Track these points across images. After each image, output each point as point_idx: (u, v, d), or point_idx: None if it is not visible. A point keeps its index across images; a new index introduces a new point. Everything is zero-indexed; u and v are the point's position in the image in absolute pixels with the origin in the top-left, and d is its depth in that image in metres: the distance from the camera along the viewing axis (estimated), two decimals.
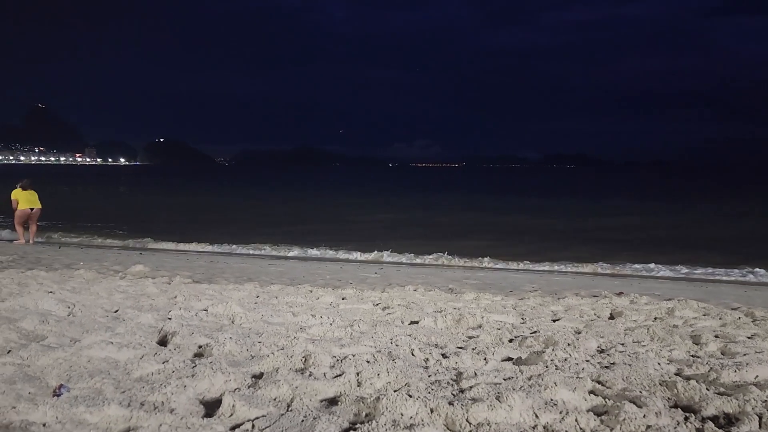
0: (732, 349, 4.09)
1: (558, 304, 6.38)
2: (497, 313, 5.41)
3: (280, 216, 26.72)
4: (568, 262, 13.71)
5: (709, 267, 13.16)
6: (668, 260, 13.75)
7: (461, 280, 9.61)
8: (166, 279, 7.83)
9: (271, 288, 7.11)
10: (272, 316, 4.84)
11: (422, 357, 3.62)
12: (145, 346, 3.47)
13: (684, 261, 13.72)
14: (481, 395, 2.67)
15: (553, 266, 13.11)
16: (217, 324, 4.44)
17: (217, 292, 6.38)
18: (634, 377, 3.12)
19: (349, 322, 4.57)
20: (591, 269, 12.87)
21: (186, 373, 2.93)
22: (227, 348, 3.53)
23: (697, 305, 6.24)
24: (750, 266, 12.91)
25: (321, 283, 8.41)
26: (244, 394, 2.68)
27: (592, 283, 9.88)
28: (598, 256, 14.45)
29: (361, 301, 6.11)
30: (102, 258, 11.02)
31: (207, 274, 9.18)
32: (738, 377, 3.20)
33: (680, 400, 2.83)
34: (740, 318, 5.65)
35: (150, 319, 4.39)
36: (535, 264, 13.47)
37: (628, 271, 12.76)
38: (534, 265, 13.39)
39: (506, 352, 3.84)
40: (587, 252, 15.38)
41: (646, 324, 5.14)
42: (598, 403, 2.73)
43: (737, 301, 7.60)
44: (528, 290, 8.22)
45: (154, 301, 5.46)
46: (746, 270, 12.63)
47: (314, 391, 2.78)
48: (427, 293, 7.13)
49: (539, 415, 2.50)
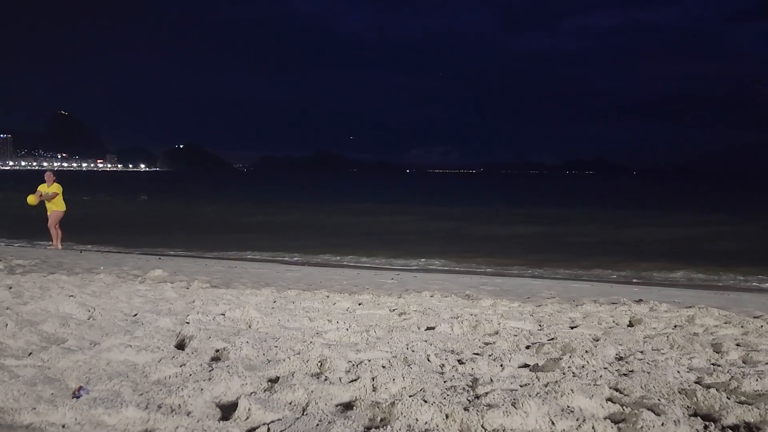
0: (754, 357, 4.02)
1: (576, 311, 6.33)
2: (514, 320, 5.38)
3: (316, 228, 25.71)
4: (586, 269, 13.60)
5: (729, 275, 12.97)
6: (689, 269, 13.57)
7: (478, 286, 9.58)
8: (184, 284, 7.90)
9: (288, 293, 7.14)
10: (289, 321, 4.86)
11: (438, 363, 3.60)
12: (163, 349, 3.51)
13: (704, 270, 13.54)
14: (496, 401, 2.66)
15: (571, 272, 13.00)
16: (234, 328, 4.46)
17: (234, 297, 6.42)
18: (653, 385, 3.08)
19: (365, 328, 4.58)
20: (610, 276, 12.75)
21: (203, 377, 2.95)
22: (244, 352, 3.55)
23: (718, 313, 6.14)
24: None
25: (338, 288, 8.43)
26: (259, 397, 2.69)
27: (611, 290, 9.79)
28: (617, 264, 14.32)
29: (377, 306, 6.11)
30: (122, 263, 11.15)
31: (225, 279, 9.25)
32: (760, 386, 3.14)
33: (700, 409, 2.78)
34: (762, 326, 5.55)
35: (168, 323, 4.43)
36: (553, 270, 13.38)
37: (649, 279, 12.61)
38: (551, 271, 13.30)
39: (523, 358, 3.81)
40: (606, 260, 15.24)
41: (665, 332, 5.07)
42: (615, 411, 2.69)
43: (759, 309, 7.47)
44: (545, 297, 8.16)
45: (173, 306, 5.52)
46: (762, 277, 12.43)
47: (329, 395, 2.78)
48: (443, 299, 7.12)
49: (555, 422, 2.47)
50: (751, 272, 13.31)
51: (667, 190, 76.69)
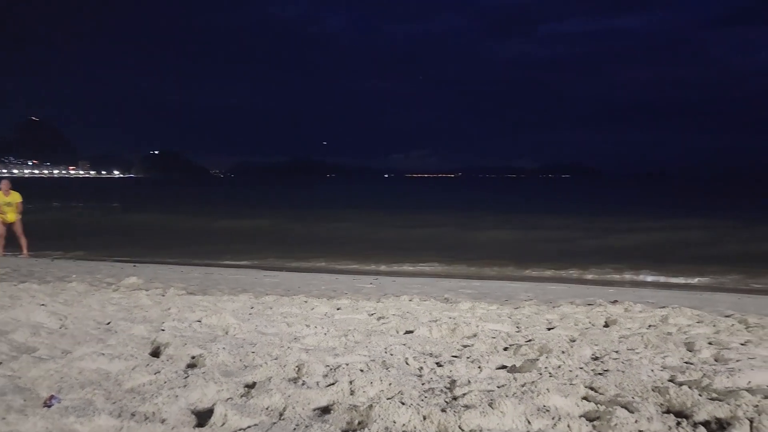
0: (725, 355, 4.10)
1: (553, 313, 6.39)
2: (492, 322, 5.41)
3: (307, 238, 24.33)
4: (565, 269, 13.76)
5: (701, 275, 13.21)
6: (663, 270, 13.80)
7: (457, 289, 9.61)
8: (159, 291, 7.80)
9: (266, 299, 7.09)
10: (266, 327, 4.83)
11: (416, 366, 3.61)
12: (137, 357, 3.46)
13: (677, 271, 13.77)
14: (474, 402, 2.67)
15: (548, 275, 13.14)
16: (210, 335, 4.42)
17: (211, 304, 6.36)
18: (627, 383, 3.12)
19: (344, 332, 4.57)
20: (587, 278, 12.90)
21: (178, 384, 2.91)
22: (220, 358, 3.51)
23: (691, 312, 6.25)
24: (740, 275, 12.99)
25: (316, 293, 8.40)
26: (236, 403, 2.67)
27: (587, 291, 9.90)
28: (593, 266, 14.49)
29: (356, 311, 6.10)
30: (95, 270, 10.98)
31: (201, 285, 9.16)
32: (731, 383, 3.20)
33: (672, 406, 2.83)
34: (733, 325, 5.66)
35: (143, 331, 4.37)
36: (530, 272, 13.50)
37: (624, 280, 12.79)
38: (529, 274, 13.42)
39: (501, 360, 3.84)
40: (582, 262, 15.41)
41: (640, 331, 5.15)
42: (590, 409, 2.73)
43: (731, 308, 7.62)
44: (523, 299, 8.22)
45: (148, 313, 5.44)
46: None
47: (307, 399, 2.77)
48: (422, 303, 7.13)
49: (531, 422, 2.49)
50: (721, 272, 13.57)
51: (640, 194, 77.84)
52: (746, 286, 12.09)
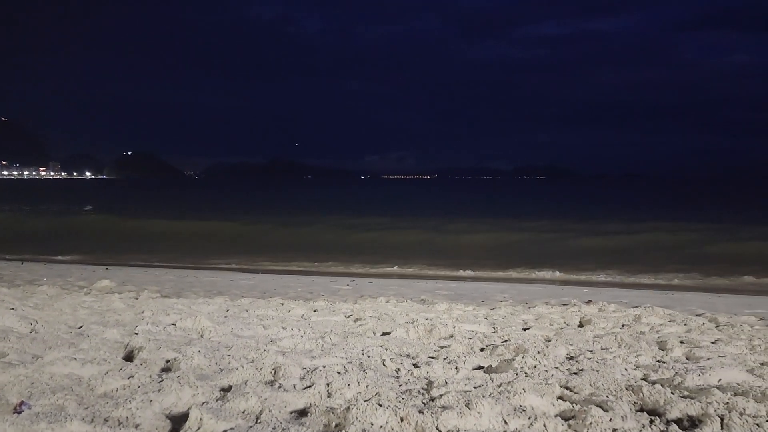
0: (696, 353, 4.18)
1: (528, 313, 6.44)
2: (469, 323, 5.44)
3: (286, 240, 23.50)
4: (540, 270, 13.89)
5: (672, 275, 13.45)
6: (635, 270, 14.02)
7: (433, 291, 9.64)
8: (133, 294, 7.69)
9: (242, 301, 7.03)
10: (242, 330, 4.79)
11: (393, 367, 3.61)
12: (110, 361, 3.40)
13: (650, 270, 14.00)
14: (451, 403, 2.68)
15: (523, 276, 13.26)
16: (185, 338, 4.36)
17: (186, 307, 6.28)
18: (602, 382, 3.16)
19: (321, 334, 4.55)
20: (562, 278, 13.04)
21: (152, 388, 2.87)
22: (195, 362, 3.47)
23: (663, 312, 6.36)
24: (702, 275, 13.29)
25: (292, 295, 8.35)
26: (211, 407, 2.64)
27: (561, 292, 10.01)
28: (570, 267, 14.66)
29: (332, 313, 6.08)
30: (66, 274, 10.78)
31: (176, 288, 9.05)
32: (702, 381, 3.26)
33: (646, 404, 2.87)
34: (704, 324, 5.78)
35: (116, 335, 4.29)
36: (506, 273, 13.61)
37: (598, 281, 12.96)
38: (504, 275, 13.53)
39: (477, 360, 3.86)
40: (560, 263, 15.57)
41: (613, 331, 5.22)
42: (566, 408, 2.76)
43: (702, 307, 7.76)
44: (499, 300, 8.28)
45: (121, 317, 5.36)
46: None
47: (284, 402, 2.75)
48: (399, 304, 7.13)
49: (508, 422, 2.51)
50: (691, 272, 13.84)
51: (614, 195, 78.91)
52: (716, 286, 12.33)
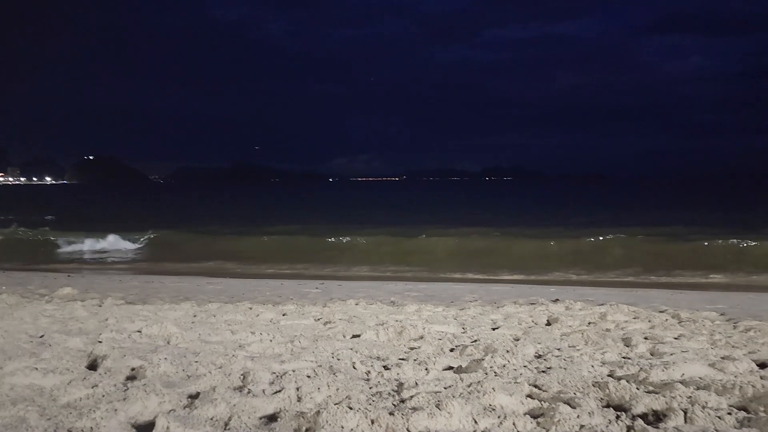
0: (660, 349, 4.27)
1: (497, 313, 6.50)
2: (438, 324, 5.46)
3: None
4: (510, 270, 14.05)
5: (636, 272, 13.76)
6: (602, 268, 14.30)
7: (403, 292, 9.66)
8: (96, 301, 7.52)
9: (209, 306, 6.94)
10: (210, 335, 4.73)
11: (364, 370, 3.60)
12: (73, 370, 3.32)
13: (614, 269, 14.30)
14: (421, 404, 2.69)
15: (492, 276, 13.39)
16: (151, 345, 4.29)
17: (151, 313, 6.17)
18: (569, 380, 3.21)
19: (290, 338, 4.52)
20: (530, 278, 13.21)
21: (117, 397, 2.81)
22: (162, 369, 3.41)
23: (628, 309, 6.49)
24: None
25: (261, 299, 8.27)
26: (179, 414, 2.60)
27: (529, 291, 10.12)
28: (537, 266, 14.86)
29: (302, 316, 6.04)
30: (26, 281, 10.47)
31: (141, 294, 8.88)
32: (666, 376, 3.34)
33: (612, 400, 2.92)
34: (667, 320, 5.92)
35: (79, 343, 4.19)
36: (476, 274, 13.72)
37: (565, 280, 13.16)
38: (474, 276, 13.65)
39: (447, 361, 3.88)
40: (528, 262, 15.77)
41: (580, 329, 5.30)
42: (534, 406, 2.79)
43: (665, 304, 7.94)
44: (468, 300, 8.33)
45: (84, 325, 5.23)
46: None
47: (253, 408, 2.72)
48: (368, 307, 7.13)
49: (478, 421, 2.53)
50: (655, 268, 14.17)
51: (578, 195, 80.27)
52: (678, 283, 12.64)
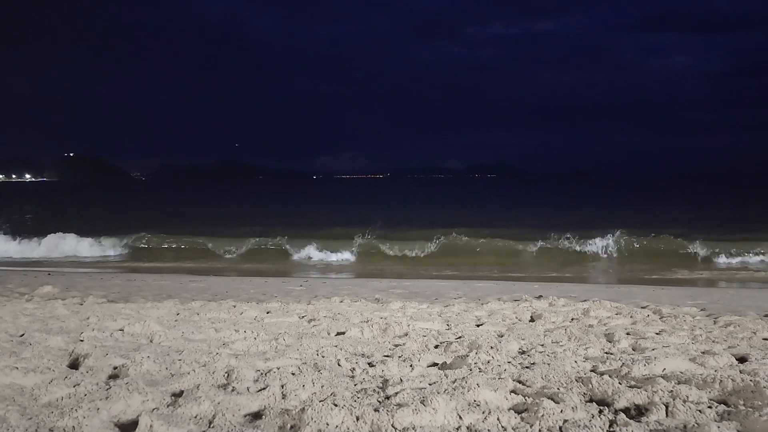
0: (642, 344, 4.32)
1: (481, 310, 6.53)
2: (423, 321, 5.47)
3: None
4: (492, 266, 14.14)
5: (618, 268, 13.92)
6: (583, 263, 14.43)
7: (387, 290, 9.67)
8: (78, 300, 7.43)
9: (192, 304, 6.89)
10: (193, 333, 4.69)
11: (348, 367, 3.60)
12: (55, 370, 3.28)
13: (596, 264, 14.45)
14: (406, 400, 2.69)
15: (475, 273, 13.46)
16: (134, 344, 4.25)
17: (134, 311, 6.12)
18: (553, 375, 3.23)
19: (274, 336, 4.50)
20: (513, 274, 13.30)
21: (99, 396, 2.78)
22: (145, 367, 3.38)
23: (610, 305, 6.55)
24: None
25: (245, 297, 8.23)
26: (162, 413, 2.58)
27: (513, 288, 10.18)
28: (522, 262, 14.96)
29: (286, 314, 6.02)
30: (5, 280, 10.33)
31: (123, 293, 8.80)
32: (647, 371, 3.37)
33: (595, 395, 2.95)
34: (649, 315, 5.99)
35: (60, 342, 4.14)
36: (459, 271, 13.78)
37: (548, 276, 13.26)
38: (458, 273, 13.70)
39: (432, 357, 3.89)
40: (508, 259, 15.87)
41: (563, 325, 5.34)
42: (518, 402, 2.81)
43: (646, 300, 8.04)
44: (452, 297, 8.36)
45: (65, 323, 5.17)
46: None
47: (237, 406, 2.71)
48: (353, 304, 7.12)
49: (463, 417, 2.54)
50: (634, 264, 14.36)
51: (562, 191, 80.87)
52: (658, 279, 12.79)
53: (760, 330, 5.06)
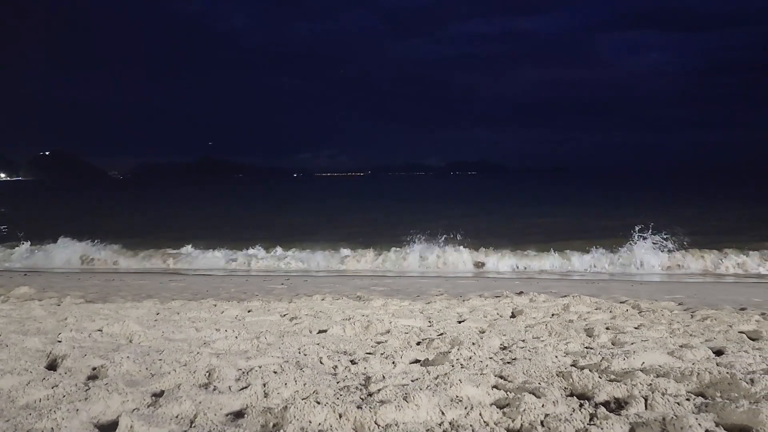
0: (621, 339, 4.38)
1: (463, 306, 6.57)
2: (405, 318, 5.48)
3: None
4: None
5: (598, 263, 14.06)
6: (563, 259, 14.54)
7: (369, 287, 9.67)
8: (55, 300, 7.32)
9: (173, 304, 6.83)
10: (174, 333, 4.65)
11: (331, 364, 3.60)
12: (32, 371, 3.23)
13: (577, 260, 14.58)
14: (389, 397, 2.70)
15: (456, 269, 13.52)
16: (113, 344, 4.20)
17: (112, 311, 6.04)
18: (534, 370, 3.26)
19: (256, 334, 4.48)
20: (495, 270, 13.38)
21: (78, 397, 2.74)
22: (124, 368, 3.34)
23: (590, 300, 6.63)
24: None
25: (225, 296, 8.18)
26: (143, 413, 2.55)
27: (494, 284, 10.25)
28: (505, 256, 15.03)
29: (267, 312, 5.99)
30: None
31: (101, 293, 8.68)
32: (627, 365, 3.42)
33: (575, 389, 2.99)
34: (628, 310, 6.06)
35: (37, 343, 4.08)
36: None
37: (529, 272, 13.36)
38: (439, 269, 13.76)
39: (414, 354, 3.90)
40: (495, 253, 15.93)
41: (544, 320, 5.39)
42: (500, 397, 2.83)
43: (625, 294, 8.14)
44: (434, 294, 8.39)
45: (42, 324, 5.09)
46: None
47: (219, 405, 2.69)
48: (335, 302, 7.11)
49: (445, 412, 2.55)
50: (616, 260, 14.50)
51: (542, 187, 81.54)
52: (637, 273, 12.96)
53: (736, 323, 5.15)
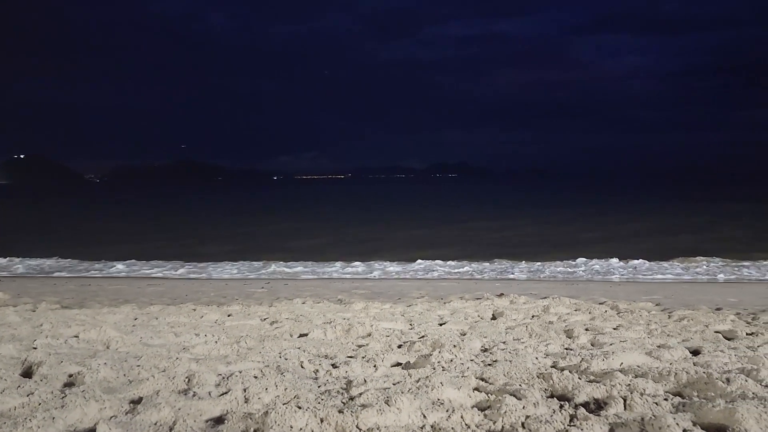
0: (600, 340, 4.42)
1: (444, 309, 6.58)
2: (386, 321, 5.48)
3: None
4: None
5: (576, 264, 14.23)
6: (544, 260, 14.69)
7: (350, 290, 9.66)
8: (30, 306, 7.19)
9: (151, 309, 6.75)
10: (152, 338, 4.59)
11: (312, 369, 3.58)
12: (6, 379, 3.16)
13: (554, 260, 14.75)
14: (370, 401, 2.69)
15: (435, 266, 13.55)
16: (89, 350, 4.13)
17: (89, 317, 5.95)
18: (515, 372, 3.28)
19: (236, 339, 4.44)
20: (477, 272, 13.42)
21: (54, 405, 2.69)
22: (102, 374, 3.29)
23: (570, 302, 6.68)
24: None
25: (205, 300, 8.11)
26: (121, 421, 2.51)
27: (475, 286, 10.30)
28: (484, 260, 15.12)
29: (247, 316, 5.95)
30: None
31: (78, 298, 8.56)
32: (606, 365, 3.45)
33: (556, 390, 3.00)
34: (606, 311, 6.13)
35: (11, 350, 3.99)
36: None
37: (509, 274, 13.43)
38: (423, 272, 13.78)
39: (395, 357, 3.89)
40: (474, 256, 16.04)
41: (524, 322, 5.43)
42: (481, 399, 2.84)
43: (604, 296, 8.23)
44: (415, 297, 8.41)
45: (17, 331, 4.99)
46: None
47: (198, 411, 2.65)
48: (315, 305, 7.09)
49: (427, 415, 2.55)
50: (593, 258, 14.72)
51: (522, 190, 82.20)
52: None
53: (712, 323, 5.24)
